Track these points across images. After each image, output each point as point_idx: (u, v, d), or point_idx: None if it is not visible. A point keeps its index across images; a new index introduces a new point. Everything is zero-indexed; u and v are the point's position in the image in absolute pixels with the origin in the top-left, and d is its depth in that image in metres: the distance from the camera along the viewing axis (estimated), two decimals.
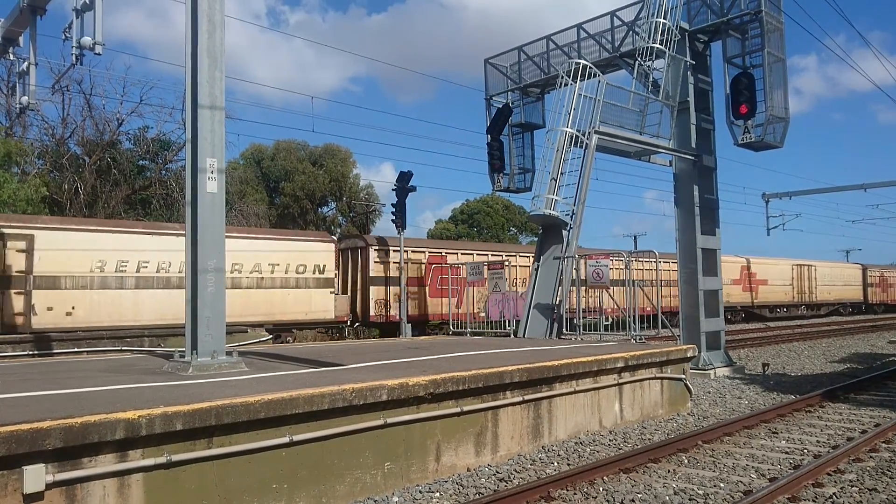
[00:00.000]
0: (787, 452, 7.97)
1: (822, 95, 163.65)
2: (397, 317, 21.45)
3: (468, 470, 7.18)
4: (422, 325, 23.54)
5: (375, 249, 22.55)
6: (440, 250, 24.71)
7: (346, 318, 21.86)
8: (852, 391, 12.37)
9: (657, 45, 15.18)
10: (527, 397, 7.99)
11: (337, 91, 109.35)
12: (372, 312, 22.25)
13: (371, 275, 22.33)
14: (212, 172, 7.51)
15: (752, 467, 7.28)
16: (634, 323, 13.00)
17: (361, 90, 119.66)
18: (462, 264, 19.76)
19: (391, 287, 22.41)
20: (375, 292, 22.38)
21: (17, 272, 15.60)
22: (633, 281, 13.68)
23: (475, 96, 21.73)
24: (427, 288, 23.70)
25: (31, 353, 14.06)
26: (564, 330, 14.15)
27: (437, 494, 6.39)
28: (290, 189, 43.73)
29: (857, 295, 50.59)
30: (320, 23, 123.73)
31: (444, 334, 20.24)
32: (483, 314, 20.56)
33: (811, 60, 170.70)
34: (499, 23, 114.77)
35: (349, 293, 22.75)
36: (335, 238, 23.32)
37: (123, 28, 72.87)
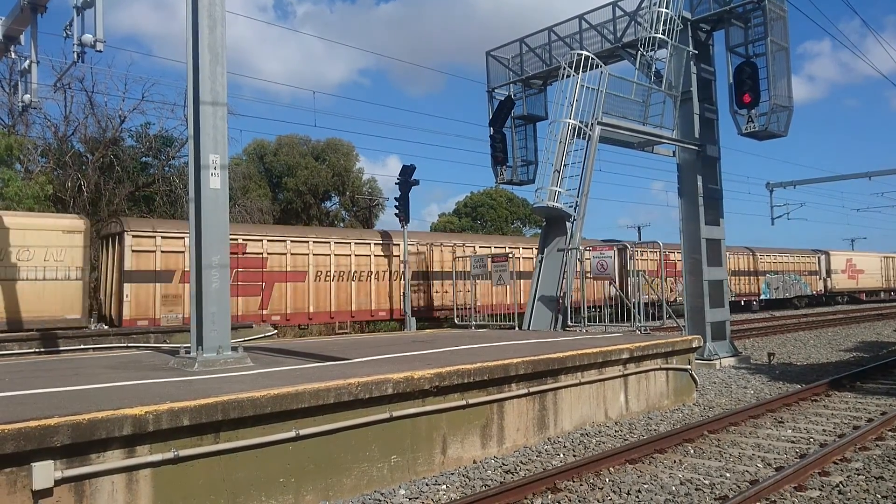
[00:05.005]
0: (793, 442, 7.97)
1: (836, 81, 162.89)
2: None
3: (474, 462, 7.20)
4: None
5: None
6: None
7: None
8: (858, 380, 12.35)
9: (659, 35, 15.10)
10: (532, 389, 8.00)
11: (346, 83, 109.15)
12: None
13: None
14: (214, 169, 7.51)
15: (759, 457, 7.28)
16: (639, 314, 12.98)
17: (371, 82, 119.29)
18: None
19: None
20: None
21: None
22: (638, 271, 13.69)
23: (484, 88, 21.63)
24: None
25: (37, 350, 14.11)
26: (569, 322, 14.15)
27: (444, 487, 6.40)
28: (293, 184, 43.68)
29: None
30: (328, 13, 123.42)
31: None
32: None
33: (825, 45, 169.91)
34: (511, 12, 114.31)
35: None
36: None
37: (128, 23, 72.89)
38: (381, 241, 22.20)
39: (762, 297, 38.65)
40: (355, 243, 21.50)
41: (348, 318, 21.00)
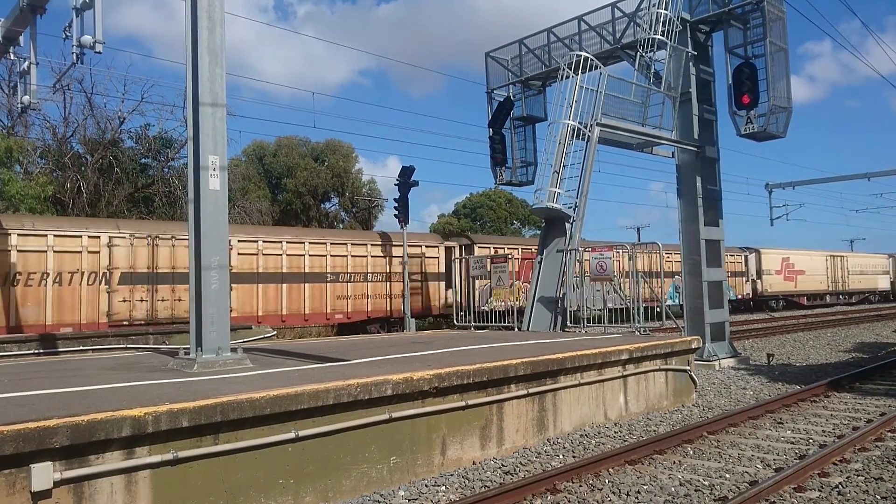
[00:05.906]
0: (792, 443, 7.97)
1: (836, 82, 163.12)
2: None
3: (473, 463, 7.19)
4: None
5: None
6: None
7: None
8: (857, 380, 12.35)
9: (659, 37, 15.11)
10: (531, 390, 8.00)
11: (347, 84, 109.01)
12: None
13: None
14: (214, 170, 7.51)
15: (758, 458, 7.28)
16: (639, 315, 12.99)
17: (371, 83, 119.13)
18: None
19: None
20: None
21: None
22: (637, 272, 13.70)
23: (484, 89, 21.59)
24: None
25: (36, 351, 14.10)
26: (568, 322, 14.16)
27: (443, 488, 6.40)
28: (293, 185, 43.69)
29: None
30: (328, 14, 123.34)
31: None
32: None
33: (826, 46, 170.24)
34: (512, 12, 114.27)
35: None
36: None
37: (127, 24, 72.89)
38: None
39: (669, 302, 29.31)
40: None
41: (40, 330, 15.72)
